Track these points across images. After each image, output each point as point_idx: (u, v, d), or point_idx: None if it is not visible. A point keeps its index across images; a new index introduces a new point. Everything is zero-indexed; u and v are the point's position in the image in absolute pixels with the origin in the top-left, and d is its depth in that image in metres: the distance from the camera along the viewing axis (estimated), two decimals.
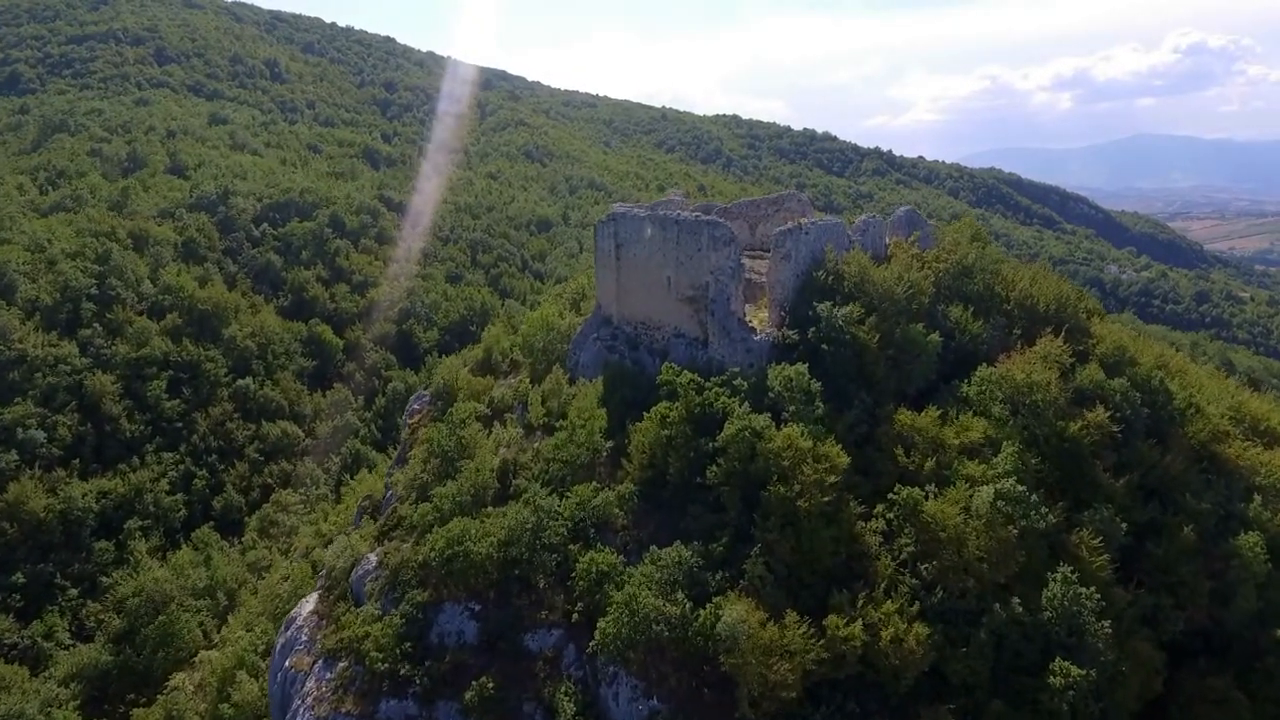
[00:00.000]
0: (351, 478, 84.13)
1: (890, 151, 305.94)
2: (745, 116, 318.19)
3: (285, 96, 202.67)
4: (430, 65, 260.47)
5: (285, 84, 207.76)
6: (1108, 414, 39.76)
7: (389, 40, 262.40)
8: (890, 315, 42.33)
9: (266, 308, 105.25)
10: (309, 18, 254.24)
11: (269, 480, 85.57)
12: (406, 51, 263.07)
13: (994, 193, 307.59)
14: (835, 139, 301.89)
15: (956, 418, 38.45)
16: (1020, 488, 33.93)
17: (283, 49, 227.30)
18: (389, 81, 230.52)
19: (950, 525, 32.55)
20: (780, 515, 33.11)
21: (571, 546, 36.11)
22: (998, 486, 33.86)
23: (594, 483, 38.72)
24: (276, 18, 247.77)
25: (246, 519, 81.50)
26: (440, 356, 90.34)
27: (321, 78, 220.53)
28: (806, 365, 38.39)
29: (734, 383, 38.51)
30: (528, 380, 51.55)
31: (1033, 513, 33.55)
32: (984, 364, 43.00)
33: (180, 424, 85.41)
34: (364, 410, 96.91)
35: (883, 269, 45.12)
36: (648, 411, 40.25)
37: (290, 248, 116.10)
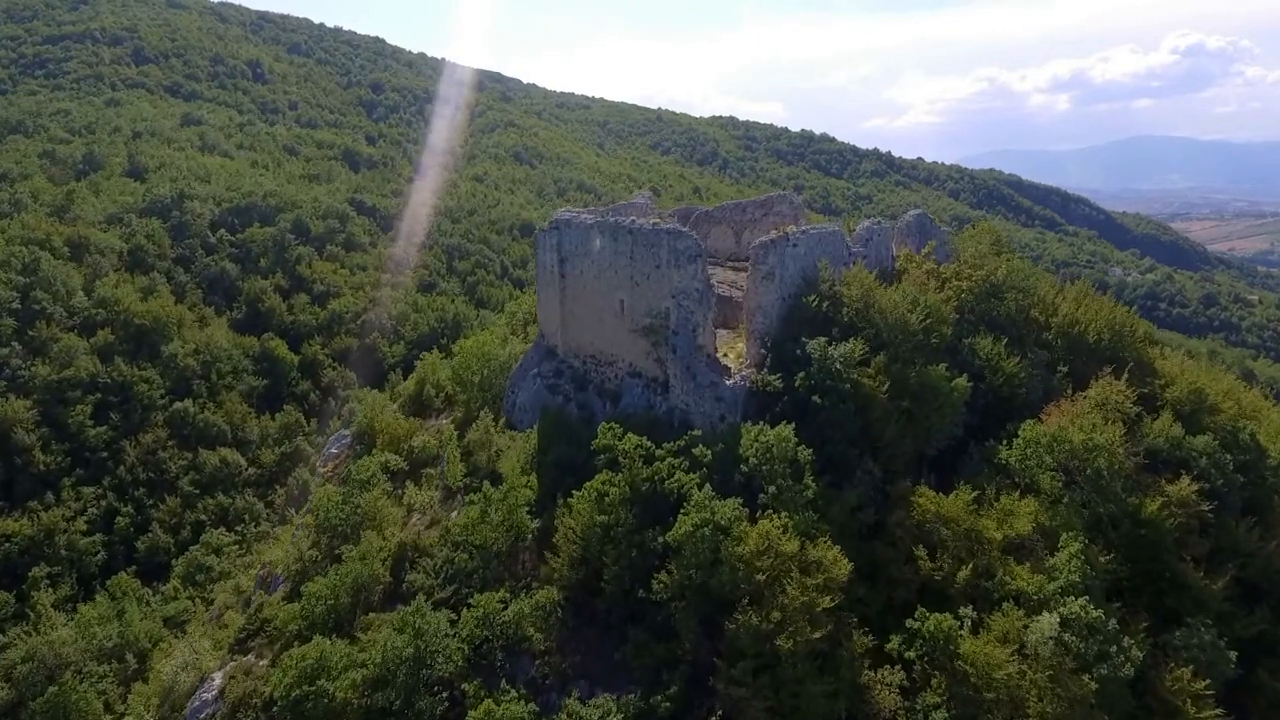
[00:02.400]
0: (297, 513, 73.57)
1: (889, 153, 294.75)
2: (742, 118, 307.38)
3: (266, 97, 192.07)
4: (420, 66, 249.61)
5: (267, 85, 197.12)
6: (1194, 486, 29.24)
7: (378, 41, 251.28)
8: (904, 353, 31.78)
9: (217, 321, 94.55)
10: (296, 18, 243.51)
11: (203, 516, 74.89)
12: (396, 52, 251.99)
13: (995, 194, 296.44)
14: (833, 140, 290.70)
15: (996, 498, 27.77)
16: (1095, 612, 23.30)
17: (267, 49, 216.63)
18: (376, 82, 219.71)
19: (999, 677, 21.97)
20: (753, 657, 22.58)
21: (467, 684, 25.57)
22: (1063, 611, 23.24)
23: (506, 588, 28.14)
24: (263, 18, 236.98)
25: (174, 562, 70.88)
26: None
27: (306, 78, 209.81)
28: (793, 426, 27.82)
29: (694, 450, 27.90)
30: (452, 425, 41.12)
31: (1114, 650, 22.95)
32: (1024, 415, 32.49)
33: (105, 453, 74.78)
34: (316, 434, 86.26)
35: (892, 291, 34.54)
36: (589, 481, 29.82)
37: (249, 255, 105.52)
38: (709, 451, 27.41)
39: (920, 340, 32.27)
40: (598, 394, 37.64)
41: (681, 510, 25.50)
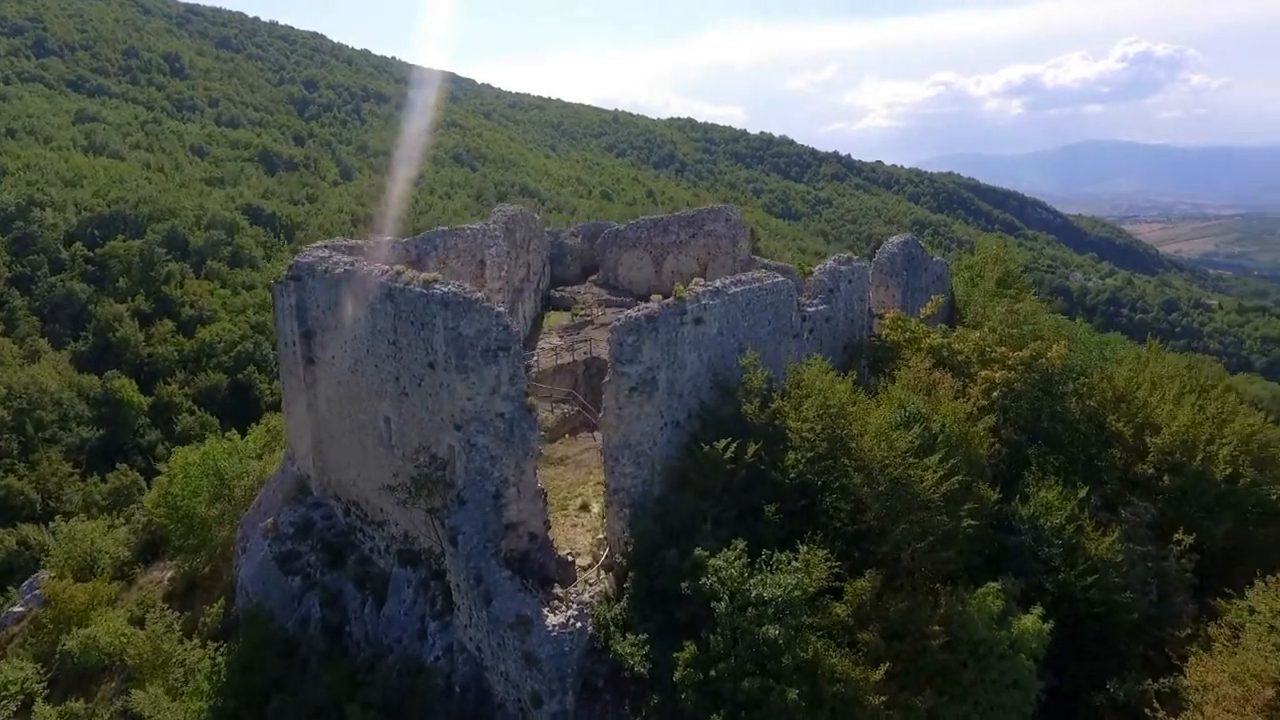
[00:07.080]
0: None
1: (849, 156, 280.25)
2: (701, 120, 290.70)
3: (184, 94, 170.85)
4: (361, 64, 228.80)
5: (186, 80, 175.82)
6: None
7: (316, 36, 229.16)
8: (912, 563, 14.82)
9: (52, 355, 75.60)
10: (229, 11, 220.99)
11: None
12: (336, 49, 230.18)
13: (955, 198, 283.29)
14: (793, 143, 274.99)
15: None
16: None
17: (189, 43, 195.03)
18: (310, 79, 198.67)
19: None
20: None
21: None
22: None
23: None
24: (191, 11, 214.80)
25: None
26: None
27: (232, 74, 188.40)
28: None
29: None
30: (127, 614, 23.48)
31: None
32: (1130, 651, 15.86)
33: None
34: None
35: (883, 410, 17.50)
36: None
37: (107, 273, 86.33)
38: None
39: (943, 525, 15.24)
40: (357, 581, 20.08)
41: None
